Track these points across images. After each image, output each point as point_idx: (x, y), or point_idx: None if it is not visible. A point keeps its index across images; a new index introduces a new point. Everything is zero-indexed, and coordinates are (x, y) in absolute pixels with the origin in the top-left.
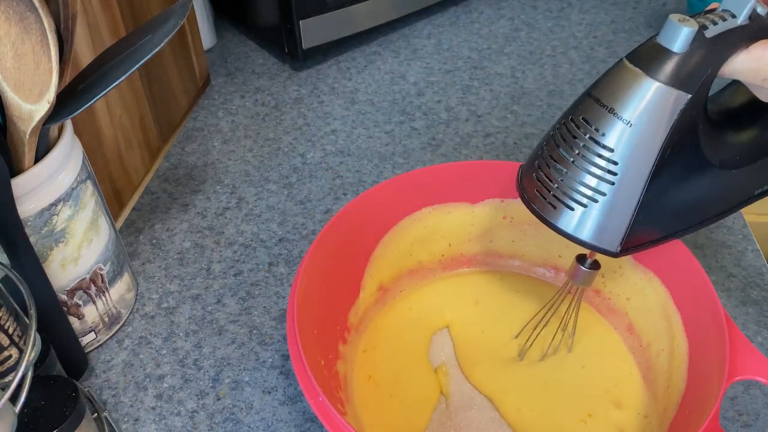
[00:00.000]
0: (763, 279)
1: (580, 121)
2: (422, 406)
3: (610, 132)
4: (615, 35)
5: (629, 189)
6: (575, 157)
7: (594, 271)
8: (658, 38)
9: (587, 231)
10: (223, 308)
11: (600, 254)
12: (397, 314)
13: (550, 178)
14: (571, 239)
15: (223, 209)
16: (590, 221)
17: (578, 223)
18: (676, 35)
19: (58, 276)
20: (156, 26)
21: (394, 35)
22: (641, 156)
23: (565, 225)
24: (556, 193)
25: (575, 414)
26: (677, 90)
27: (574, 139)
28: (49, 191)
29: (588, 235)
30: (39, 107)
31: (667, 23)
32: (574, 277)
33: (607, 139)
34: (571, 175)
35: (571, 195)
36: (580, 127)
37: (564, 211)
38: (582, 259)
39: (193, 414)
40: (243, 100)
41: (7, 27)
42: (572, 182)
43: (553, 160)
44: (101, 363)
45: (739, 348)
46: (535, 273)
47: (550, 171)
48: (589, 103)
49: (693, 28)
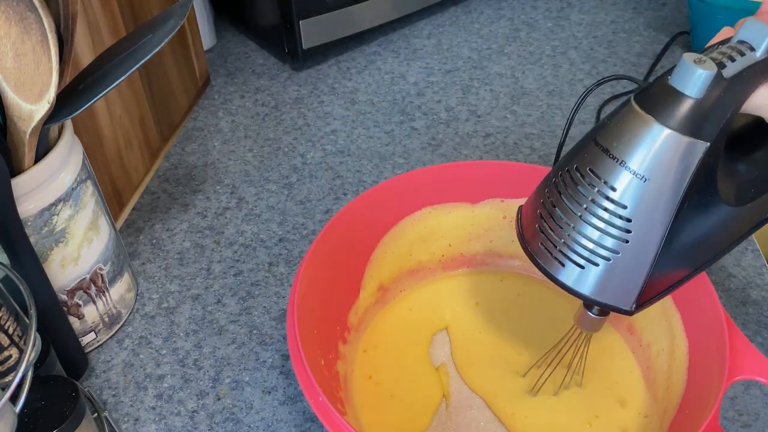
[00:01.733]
0: (762, 279)
1: (587, 171)
2: (423, 406)
3: (620, 186)
4: (615, 35)
5: (645, 246)
6: (582, 212)
7: (602, 318)
8: (671, 80)
9: (599, 289)
10: (223, 308)
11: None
12: (397, 314)
13: (554, 231)
14: (582, 297)
15: (223, 209)
16: (602, 279)
17: (589, 280)
18: (692, 78)
19: (58, 276)
20: (156, 26)
21: (394, 35)
22: (657, 212)
23: (576, 283)
24: (563, 249)
25: (576, 414)
26: (695, 138)
27: (579, 190)
28: (49, 191)
29: (600, 294)
30: (39, 107)
31: (681, 65)
32: (582, 323)
33: (618, 194)
34: (578, 229)
35: (579, 252)
36: (585, 177)
37: (572, 267)
38: (590, 305)
39: (193, 414)
40: (243, 100)
41: (7, 27)
42: (580, 238)
43: (557, 210)
44: (101, 363)
45: (739, 348)
46: (535, 273)
47: (555, 223)
48: (596, 152)
49: (711, 71)
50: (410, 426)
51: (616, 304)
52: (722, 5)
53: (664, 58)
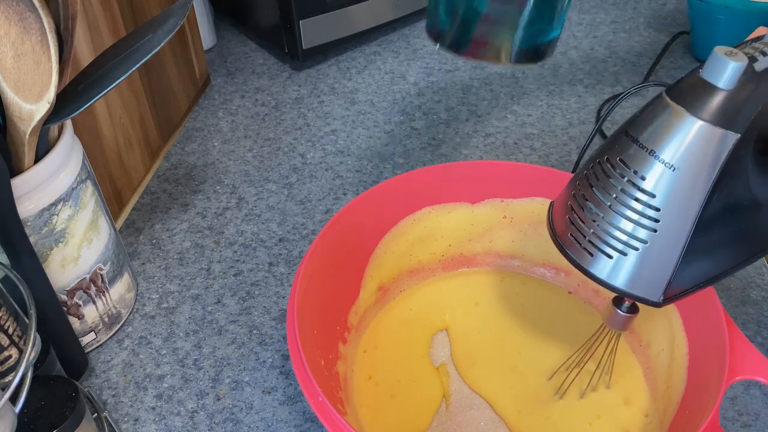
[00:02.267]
0: (763, 279)
1: (617, 162)
2: (423, 406)
3: (650, 176)
4: (615, 35)
5: (673, 236)
6: (612, 201)
7: (632, 315)
8: (702, 72)
9: (627, 280)
10: (223, 308)
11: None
12: (398, 314)
13: (584, 221)
14: (610, 288)
15: (223, 209)
16: (630, 270)
17: (617, 271)
18: (723, 70)
19: (57, 276)
20: (156, 26)
21: (394, 35)
22: (686, 201)
23: (604, 273)
24: (591, 239)
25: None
26: (725, 130)
27: (610, 181)
28: (49, 191)
29: (628, 285)
30: (39, 107)
31: (713, 57)
32: (611, 322)
33: (648, 184)
34: (607, 219)
35: (608, 242)
36: (616, 168)
37: (601, 258)
38: (619, 302)
39: (193, 414)
40: (243, 100)
41: (6, 27)
42: (609, 228)
43: (587, 201)
44: (101, 363)
45: (739, 348)
46: (535, 273)
47: (585, 214)
48: (626, 142)
49: (742, 62)
50: (410, 426)
51: (644, 295)
52: (722, 5)
53: (665, 58)
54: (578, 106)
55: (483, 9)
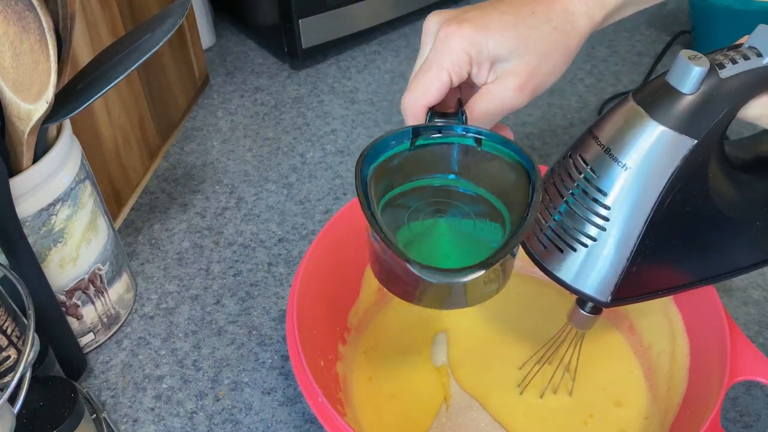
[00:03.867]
0: (764, 279)
1: (578, 159)
2: (424, 407)
3: (604, 174)
4: (616, 35)
5: (622, 236)
6: (569, 196)
7: (594, 316)
8: (668, 77)
9: (576, 276)
10: (223, 309)
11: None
12: (397, 315)
13: (543, 215)
14: (560, 283)
15: (222, 209)
16: (580, 266)
17: (568, 266)
18: (686, 75)
19: (56, 276)
20: (155, 25)
21: (394, 35)
22: (637, 203)
23: (556, 268)
24: (546, 232)
25: (576, 414)
26: (681, 135)
27: (571, 179)
28: (48, 191)
29: (577, 281)
30: (37, 107)
31: (677, 61)
32: (573, 320)
33: (601, 182)
34: (564, 216)
35: (561, 236)
36: (577, 165)
37: (555, 253)
38: (582, 302)
39: (192, 415)
40: (242, 99)
41: (5, 26)
42: (563, 222)
43: (548, 194)
44: (100, 364)
45: (741, 348)
46: (535, 273)
47: (544, 208)
48: (589, 141)
49: (704, 67)
50: (410, 427)
51: (592, 293)
52: (723, 5)
53: (665, 58)
54: (579, 105)
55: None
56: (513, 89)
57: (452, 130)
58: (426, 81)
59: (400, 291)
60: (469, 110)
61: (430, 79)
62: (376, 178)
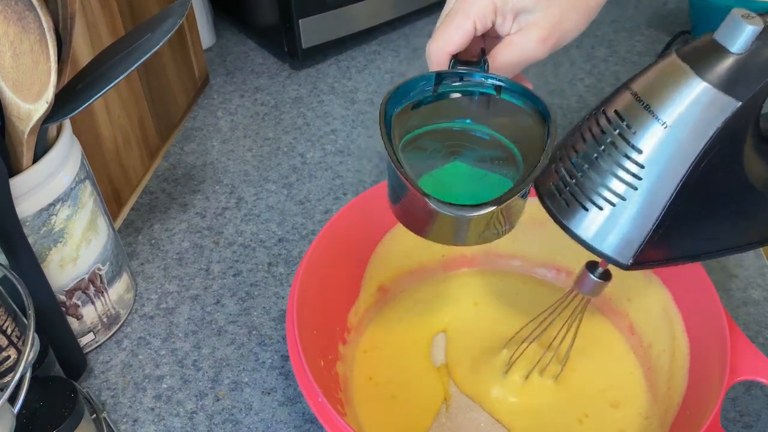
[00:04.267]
0: (764, 279)
1: (612, 114)
2: (424, 407)
3: (641, 131)
4: (616, 34)
5: (653, 197)
6: (600, 153)
7: (604, 282)
8: (716, 34)
9: (599, 236)
10: (223, 309)
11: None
12: (398, 315)
13: (569, 173)
14: (581, 243)
15: (222, 209)
16: (604, 225)
17: (590, 226)
18: (737, 33)
19: (56, 276)
20: (155, 25)
21: (394, 34)
22: (672, 163)
23: (577, 226)
24: (572, 190)
25: (572, 415)
26: (726, 95)
27: (603, 134)
28: (48, 191)
29: (599, 241)
30: (37, 107)
31: (729, 18)
32: (581, 285)
33: (637, 139)
34: (592, 172)
35: (587, 194)
36: (611, 121)
37: (578, 210)
38: (593, 267)
39: (192, 415)
40: (242, 99)
41: (5, 26)
42: (591, 181)
43: (575, 153)
44: (100, 364)
45: (741, 348)
46: (535, 273)
47: (570, 166)
48: (626, 96)
49: (757, 27)
50: (411, 427)
51: (613, 255)
52: (723, 5)
53: None
54: (579, 105)
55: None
56: (535, 41)
57: (473, 78)
58: (451, 29)
59: (413, 224)
60: (492, 59)
61: (454, 28)
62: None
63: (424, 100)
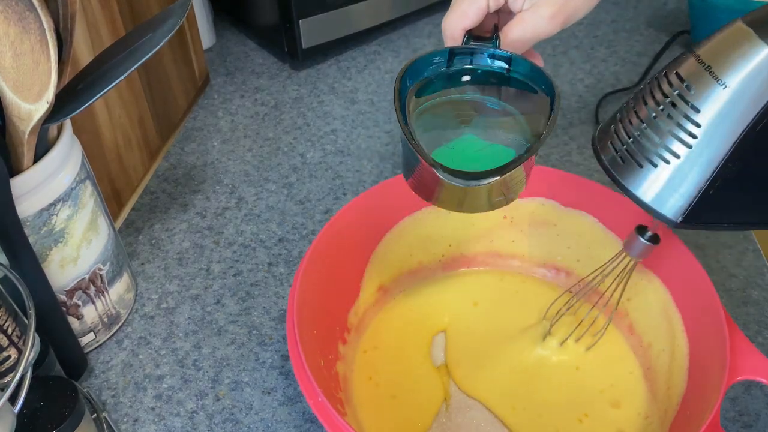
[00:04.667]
0: (763, 279)
1: (674, 77)
2: (424, 407)
3: (700, 91)
4: (616, 35)
5: (707, 156)
6: (658, 113)
7: (652, 245)
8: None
9: (652, 192)
10: (223, 308)
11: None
12: (398, 314)
13: (627, 132)
14: (633, 199)
15: (223, 209)
16: (657, 183)
17: (645, 182)
18: None
19: (57, 276)
20: (155, 26)
21: (394, 35)
22: (728, 124)
23: (630, 182)
24: (629, 148)
25: (572, 414)
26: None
27: (663, 95)
28: (48, 191)
29: (651, 198)
30: (38, 107)
31: None
32: (630, 248)
33: (696, 98)
34: (649, 131)
35: (643, 152)
36: (672, 83)
37: (633, 167)
38: (642, 230)
39: (192, 414)
40: (242, 99)
41: (6, 26)
42: (648, 139)
43: (635, 114)
44: (100, 363)
45: (740, 348)
46: (535, 273)
47: (629, 125)
48: (689, 59)
49: None
50: (411, 427)
51: (664, 212)
52: (723, 5)
53: (664, 57)
54: (579, 105)
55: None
56: (546, 17)
57: (485, 53)
58: (465, 5)
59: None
60: (504, 35)
61: (468, 4)
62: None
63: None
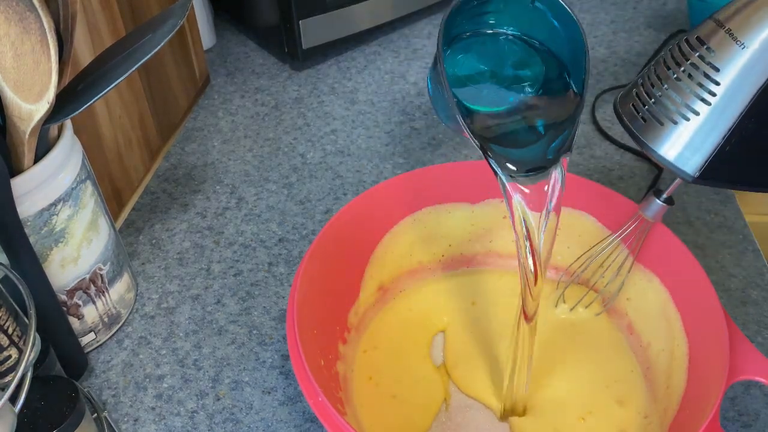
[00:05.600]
0: (763, 279)
1: (695, 40)
2: (424, 406)
3: (720, 51)
4: (615, 35)
5: (724, 113)
6: (680, 74)
7: (666, 206)
8: None
9: (670, 148)
10: (223, 308)
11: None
12: (397, 314)
13: (649, 93)
14: (653, 154)
15: (223, 209)
16: (676, 139)
17: (664, 138)
18: None
19: (57, 276)
20: (155, 26)
21: (394, 35)
22: (746, 82)
23: (650, 139)
24: (650, 108)
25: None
26: None
27: (683, 56)
28: (49, 191)
29: (670, 153)
30: (38, 107)
31: None
32: (645, 209)
33: (715, 58)
34: (670, 91)
35: (664, 111)
36: (693, 46)
37: (653, 125)
38: (658, 192)
39: (192, 414)
40: (243, 99)
41: (6, 27)
42: (669, 99)
43: (656, 76)
44: (101, 363)
45: (740, 348)
46: None
47: (651, 87)
48: (709, 24)
49: None
50: (411, 427)
51: (681, 167)
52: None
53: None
54: None
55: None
56: None
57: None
58: None
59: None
60: None
61: None
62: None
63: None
